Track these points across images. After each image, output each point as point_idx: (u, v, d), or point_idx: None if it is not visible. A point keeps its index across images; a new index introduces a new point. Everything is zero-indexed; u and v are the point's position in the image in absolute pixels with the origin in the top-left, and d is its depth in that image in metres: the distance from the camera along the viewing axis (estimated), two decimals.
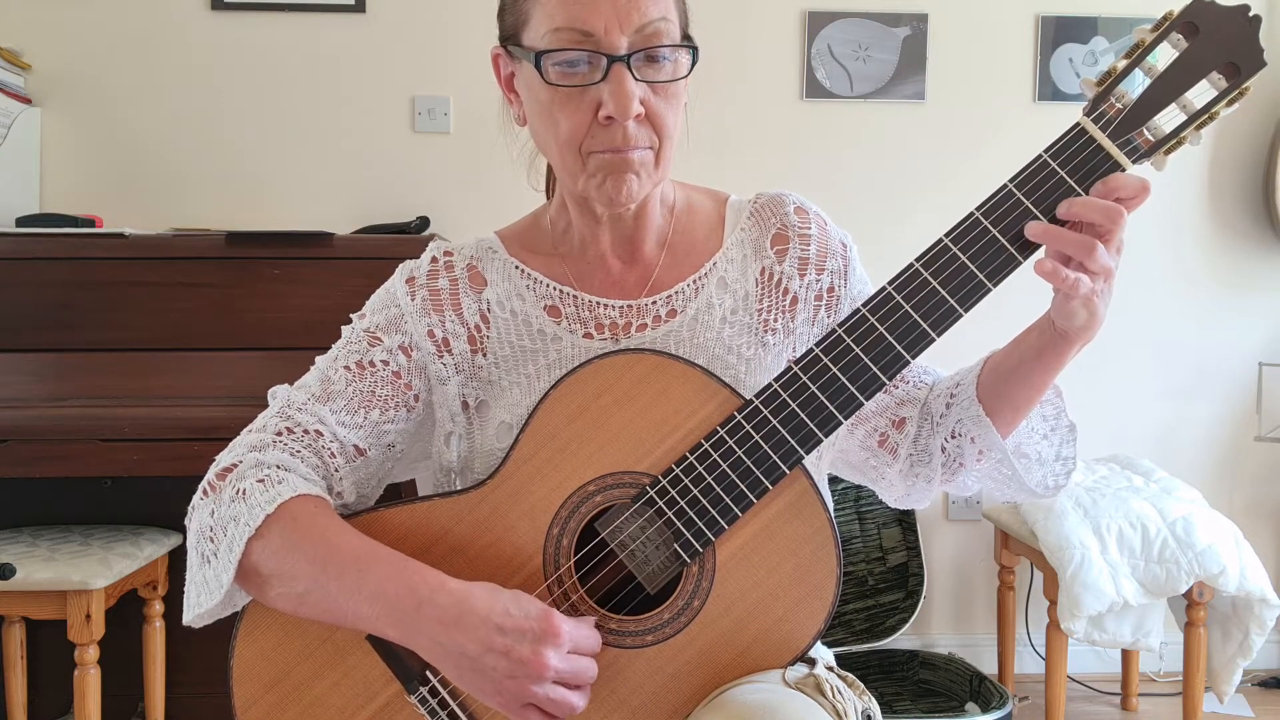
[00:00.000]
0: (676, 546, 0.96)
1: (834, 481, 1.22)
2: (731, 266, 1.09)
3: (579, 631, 0.91)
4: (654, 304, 1.07)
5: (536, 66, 0.96)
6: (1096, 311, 0.93)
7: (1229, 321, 3.02)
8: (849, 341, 0.94)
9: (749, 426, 0.95)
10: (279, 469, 0.99)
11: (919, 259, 0.93)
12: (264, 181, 2.82)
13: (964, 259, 0.92)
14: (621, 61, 0.94)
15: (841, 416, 0.94)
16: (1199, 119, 0.89)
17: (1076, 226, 0.91)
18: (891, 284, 0.94)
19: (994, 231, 0.92)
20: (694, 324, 1.07)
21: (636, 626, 0.97)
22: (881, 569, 2.75)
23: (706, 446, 0.95)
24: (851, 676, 1.00)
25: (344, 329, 1.10)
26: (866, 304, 0.94)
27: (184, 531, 1.01)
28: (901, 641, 2.73)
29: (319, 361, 1.08)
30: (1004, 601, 2.79)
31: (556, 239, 1.11)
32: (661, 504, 0.96)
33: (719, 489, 0.95)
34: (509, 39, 1.02)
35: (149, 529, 2.32)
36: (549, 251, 1.11)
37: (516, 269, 1.09)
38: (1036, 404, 1.03)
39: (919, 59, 2.92)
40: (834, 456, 1.15)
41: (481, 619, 0.89)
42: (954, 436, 1.07)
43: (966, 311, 0.93)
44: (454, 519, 0.99)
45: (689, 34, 1.01)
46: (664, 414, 0.97)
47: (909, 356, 0.94)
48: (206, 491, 1.00)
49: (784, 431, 0.94)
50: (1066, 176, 0.91)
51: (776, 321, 1.09)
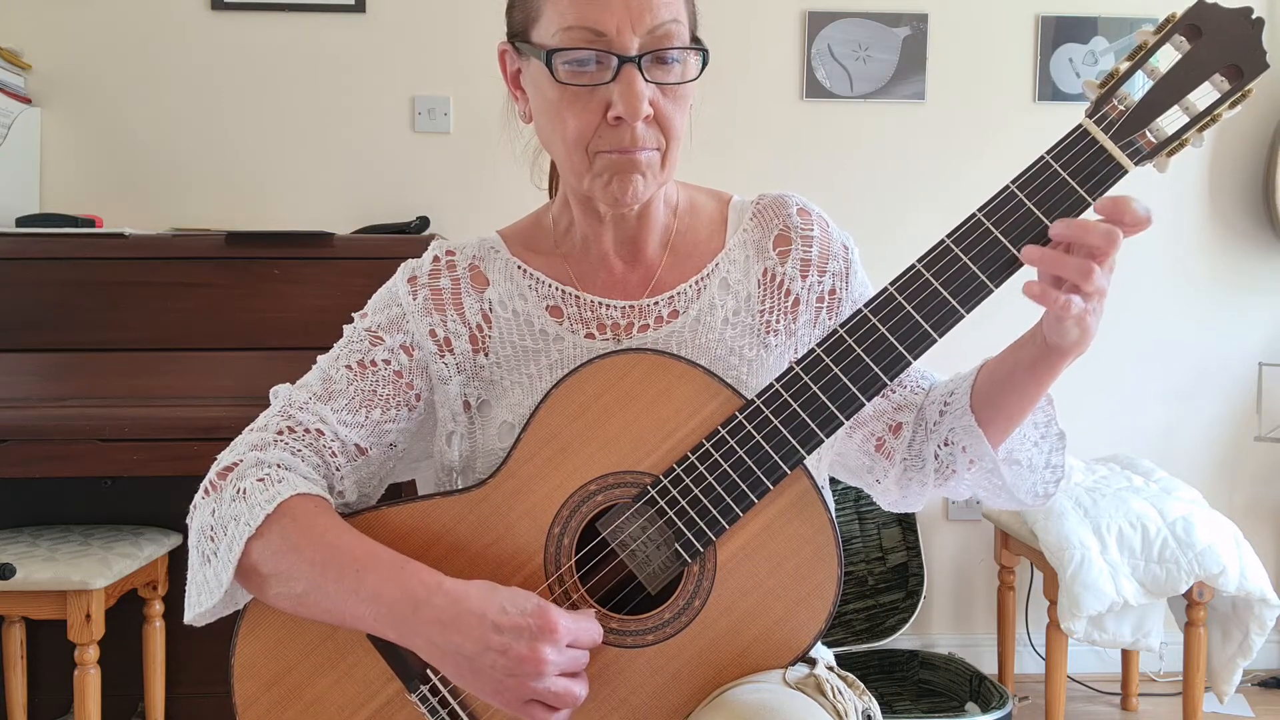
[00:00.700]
0: (677, 546, 0.96)
1: (834, 482, 1.22)
2: (734, 267, 1.09)
3: (577, 625, 0.91)
4: (656, 304, 1.07)
5: (547, 64, 0.95)
6: (1089, 329, 0.93)
7: (1229, 321, 3.02)
8: (850, 342, 0.94)
9: (750, 426, 0.95)
10: (279, 468, 0.99)
11: (921, 260, 0.93)
12: (264, 181, 2.82)
13: (965, 260, 0.92)
14: (632, 62, 0.94)
15: (843, 417, 0.94)
16: (1201, 121, 0.89)
17: (1065, 245, 0.91)
18: (893, 285, 0.94)
19: (996, 233, 0.92)
20: (696, 325, 1.07)
21: (637, 626, 0.97)
22: (881, 569, 2.75)
23: (708, 446, 0.96)
24: (852, 676, 1.00)
25: (346, 328, 1.10)
26: (868, 304, 0.94)
27: (184, 531, 1.02)
28: (901, 641, 2.73)
29: (320, 360, 1.09)
30: (1004, 601, 2.80)
31: (558, 238, 1.11)
32: (663, 504, 0.96)
33: (720, 489, 0.95)
34: (517, 36, 1.02)
35: (149, 529, 2.32)
36: (551, 251, 1.11)
37: (518, 268, 1.09)
38: (1029, 413, 1.04)
39: (919, 59, 2.92)
40: (831, 460, 1.15)
41: (478, 618, 0.89)
42: (947, 444, 1.08)
43: (968, 312, 0.93)
44: (455, 518, 0.99)
45: (697, 36, 1.01)
46: (665, 414, 0.97)
47: (910, 357, 0.94)
48: (208, 490, 1.00)
49: (785, 431, 0.94)
50: (1069, 178, 0.91)
51: (778, 323, 1.09)
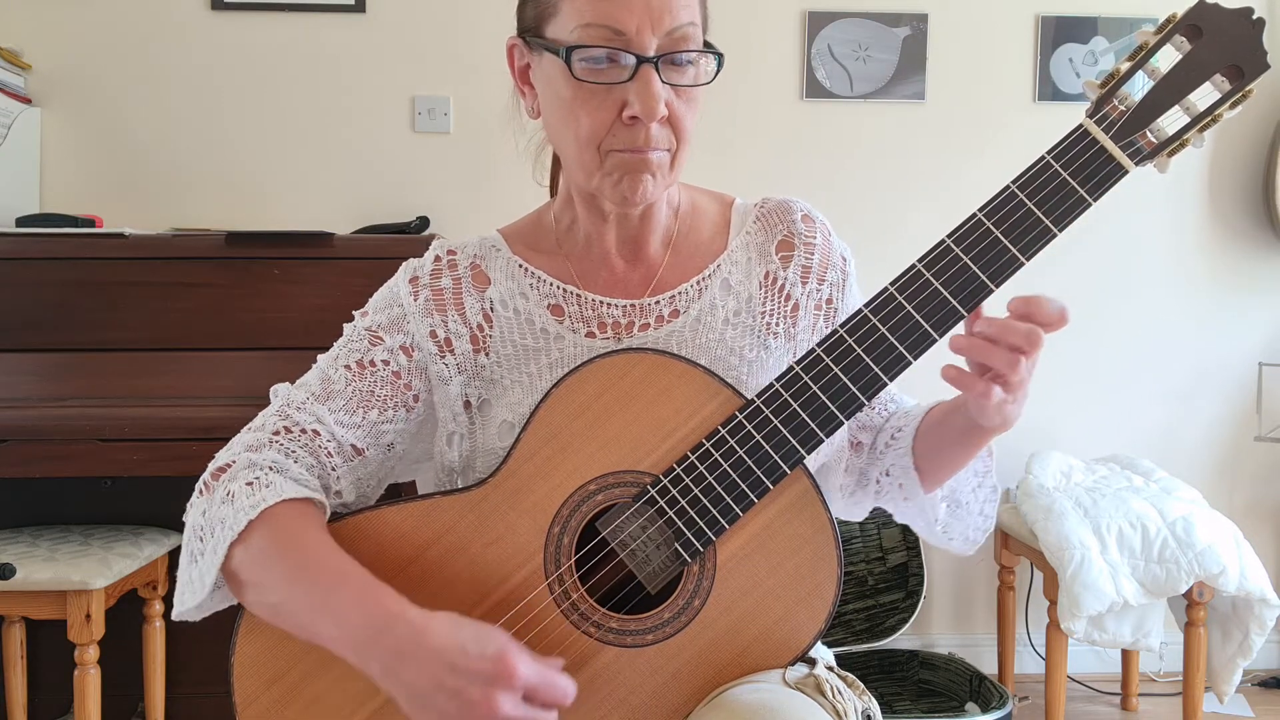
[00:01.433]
0: (677, 546, 0.96)
1: None
2: (736, 269, 1.09)
3: (540, 676, 0.85)
4: (657, 304, 1.07)
5: (566, 61, 0.95)
6: (1009, 418, 0.96)
7: (1229, 321, 3.02)
8: (850, 342, 0.94)
9: (750, 426, 0.95)
10: (270, 471, 0.99)
11: (921, 260, 0.93)
12: (264, 181, 2.82)
13: (966, 260, 0.92)
14: (650, 63, 0.95)
15: (843, 417, 0.94)
16: (1202, 121, 0.90)
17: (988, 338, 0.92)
18: (893, 285, 0.94)
19: (996, 233, 0.92)
20: (697, 325, 1.07)
21: (637, 626, 0.97)
22: (881, 569, 2.75)
23: (708, 446, 0.96)
24: (851, 676, 1.00)
25: (346, 327, 1.10)
26: (868, 304, 0.94)
27: (183, 529, 1.02)
28: (901, 641, 2.73)
29: (320, 360, 1.09)
30: (1004, 601, 2.80)
31: (560, 236, 1.11)
32: (663, 503, 0.96)
33: (720, 488, 0.95)
34: (529, 31, 1.01)
35: (149, 529, 2.32)
36: (552, 250, 1.11)
37: (520, 267, 1.09)
38: (961, 469, 1.07)
39: (919, 59, 2.92)
40: None
41: (435, 655, 0.85)
42: (887, 475, 1.11)
43: (969, 313, 0.93)
44: (455, 517, 0.99)
45: (708, 41, 1.01)
46: (665, 413, 0.97)
47: (911, 358, 0.94)
48: (201, 490, 1.00)
49: (785, 431, 0.94)
50: (1069, 178, 0.91)
51: (779, 325, 1.09)
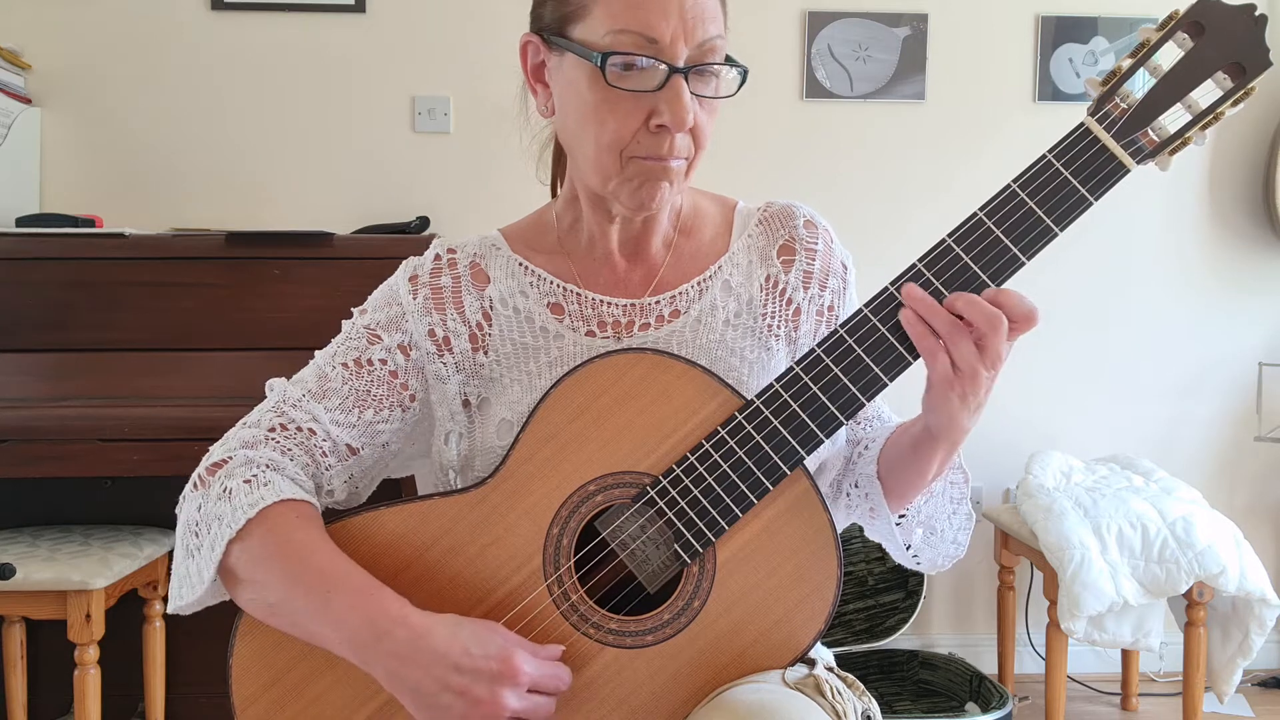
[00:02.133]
0: (677, 547, 0.96)
1: None
2: (737, 271, 1.09)
3: (542, 670, 0.90)
4: (657, 304, 1.07)
5: (600, 66, 0.94)
6: (955, 416, 0.92)
7: (1229, 321, 3.02)
8: (850, 342, 0.94)
9: (750, 427, 0.95)
10: (267, 469, 0.99)
11: (921, 259, 0.93)
12: (264, 181, 2.82)
13: (966, 259, 0.92)
14: (680, 73, 0.95)
15: (843, 417, 0.94)
16: (1204, 119, 0.89)
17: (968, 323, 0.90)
18: (894, 284, 0.93)
19: (997, 232, 0.91)
20: (697, 325, 1.07)
21: (636, 626, 0.96)
22: (881, 569, 2.74)
23: (707, 447, 0.95)
24: (851, 677, 0.99)
25: (344, 323, 1.10)
26: (869, 304, 0.94)
27: None
28: (901, 641, 2.73)
29: (318, 356, 1.08)
30: (1004, 601, 2.80)
31: (562, 235, 1.11)
32: (662, 504, 0.96)
33: (719, 489, 0.95)
34: (550, 29, 1.00)
35: (149, 529, 2.32)
36: (553, 249, 1.11)
37: (520, 265, 1.09)
38: (919, 487, 1.03)
39: (919, 59, 2.92)
40: None
41: (439, 656, 0.88)
42: (856, 486, 1.10)
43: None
44: (453, 518, 0.99)
45: (729, 55, 1.00)
46: (665, 414, 0.97)
47: (910, 358, 0.94)
48: (196, 485, 1.01)
49: (785, 432, 0.94)
50: (1071, 177, 0.90)
51: (780, 328, 1.09)
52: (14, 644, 2.26)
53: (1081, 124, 0.91)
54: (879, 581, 2.74)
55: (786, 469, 0.94)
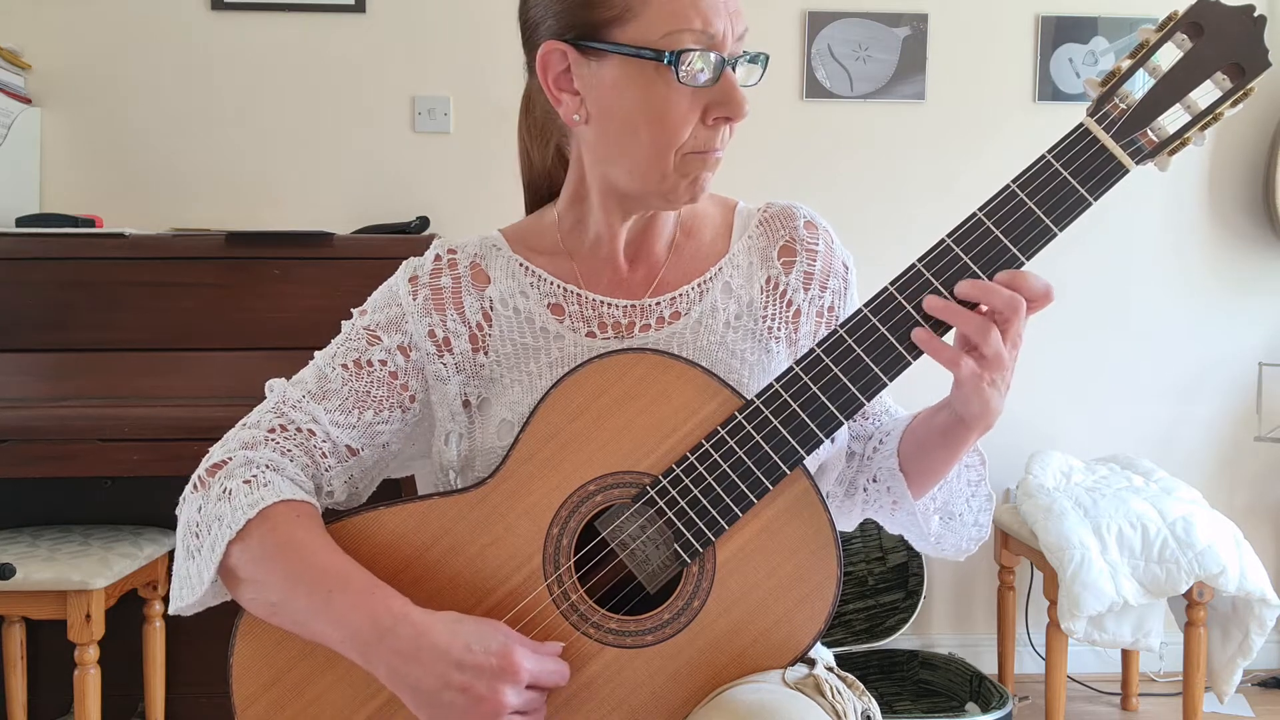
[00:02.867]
0: (677, 546, 0.96)
1: None
2: (737, 272, 1.09)
3: (541, 666, 0.91)
4: (658, 305, 1.07)
5: (671, 64, 0.94)
6: (989, 403, 0.93)
7: (1229, 321, 3.02)
8: (850, 342, 0.94)
9: (750, 426, 0.95)
10: (267, 469, 0.99)
11: (921, 259, 0.93)
12: (264, 181, 2.82)
13: (966, 259, 0.92)
14: (730, 65, 0.96)
15: (842, 417, 0.94)
16: (1203, 120, 0.89)
17: (974, 306, 0.92)
18: (893, 284, 0.93)
19: (996, 232, 0.91)
20: (698, 326, 1.07)
21: (636, 626, 0.96)
22: (881, 569, 2.74)
23: (707, 446, 0.95)
24: (851, 677, 0.99)
25: (344, 324, 1.10)
26: (868, 304, 0.94)
27: None
28: (901, 641, 2.73)
29: (318, 357, 1.08)
30: (1004, 601, 2.80)
31: (564, 235, 1.11)
32: (662, 504, 0.96)
33: (719, 489, 0.95)
34: (584, 35, 0.97)
35: (149, 529, 2.32)
36: (554, 249, 1.10)
37: (520, 266, 1.09)
38: (946, 475, 1.05)
39: (919, 59, 2.92)
40: None
41: (440, 654, 0.88)
42: (874, 481, 1.10)
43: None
44: (453, 518, 0.99)
45: None
46: (665, 413, 0.97)
47: (910, 358, 0.94)
48: (196, 486, 1.01)
49: (785, 432, 0.94)
50: (1070, 177, 0.91)
51: (780, 330, 1.09)
52: (14, 644, 2.26)
53: (1081, 124, 0.91)
54: (879, 581, 2.74)
55: (786, 469, 0.94)
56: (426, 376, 1.07)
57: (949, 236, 0.93)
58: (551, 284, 1.08)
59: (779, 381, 0.95)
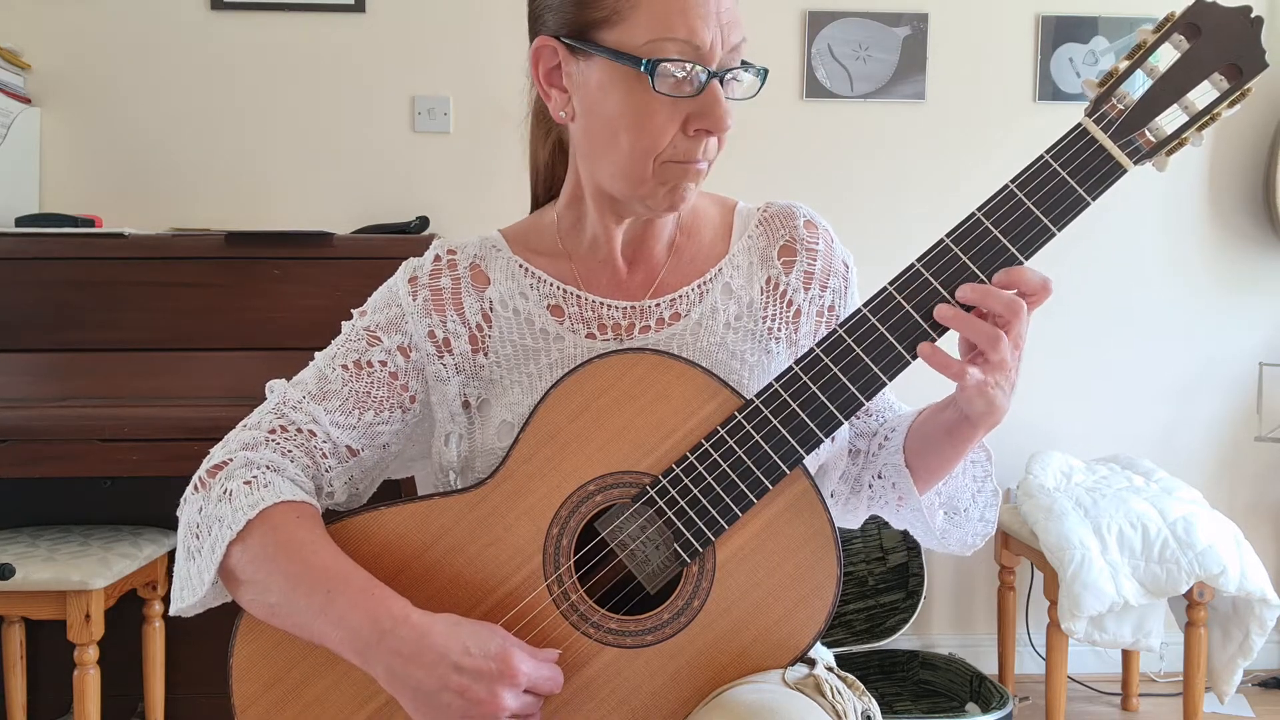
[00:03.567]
0: (676, 546, 0.96)
1: None
2: (737, 273, 1.09)
3: (538, 671, 0.91)
4: (658, 306, 1.07)
5: (648, 73, 0.93)
6: (994, 403, 0.93)
7: (1229, 321, 3.02)
8: (850, 342, 0.94)
9: (749, 426, 0.95)
10: (267, 470, 0.99)
11: (920, 259, 0.93)
12: (264, 181, 2.82)
13: (965, 259, 0.92)
14: (718, 78, 0.95)
15: (842, 416, 0.94)
16: (1201, 120, 0.89)
17: (978, 314, 0.92)
18: (892, 284, 0.94)
19: (995, 232, 0.92)
20: (698, 328, 1.07)
21: (636, 626, 0.97)
22: (882, 569, 2.74)
23: (707, 446, 0.95)
24: (851, 677, 1.00)
25: (344, 325, 1.10)
26: (867, 304, 0.94)
27: None
28: (902, 642, 2.73)
29: (318, 358, 1.08)
30: (1004, 602, 2.80)
31: (563, 235, 1.11)
32: (662, 504, 0.96)
33: (719, 489, 0.95)
34: (575, 34, 0.97)
35: (149, 529, 2.32)
36: (553, 251, 1.10)
37: (520, 267, 1.09)
38: (951, 471, 1.05)
39: (919, 59, 2.92)
40: None
41: (440, 656, 0.88)
42: (880, 477, 1.10)
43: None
44: (453, 518, 0.99)
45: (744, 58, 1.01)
46: (664, 413, 0.97)
47: (909, 357, 0.94)
48: (197, 487, 1.01)
49: (784, 431, 0.94)
50: (1068, 178, 0.91)
51: (780, 330, 1.09)
52: (14, 644, 2.26)
53: (1079, 124, 0.91)
54: (879, 581, 2.74)
55: (786, 468, 0.94)
56: (427, 377, 1.08)
57: (948, 236, 0.93)
58: (551, 285, 1.08)
59: (779, 381, 0.95)
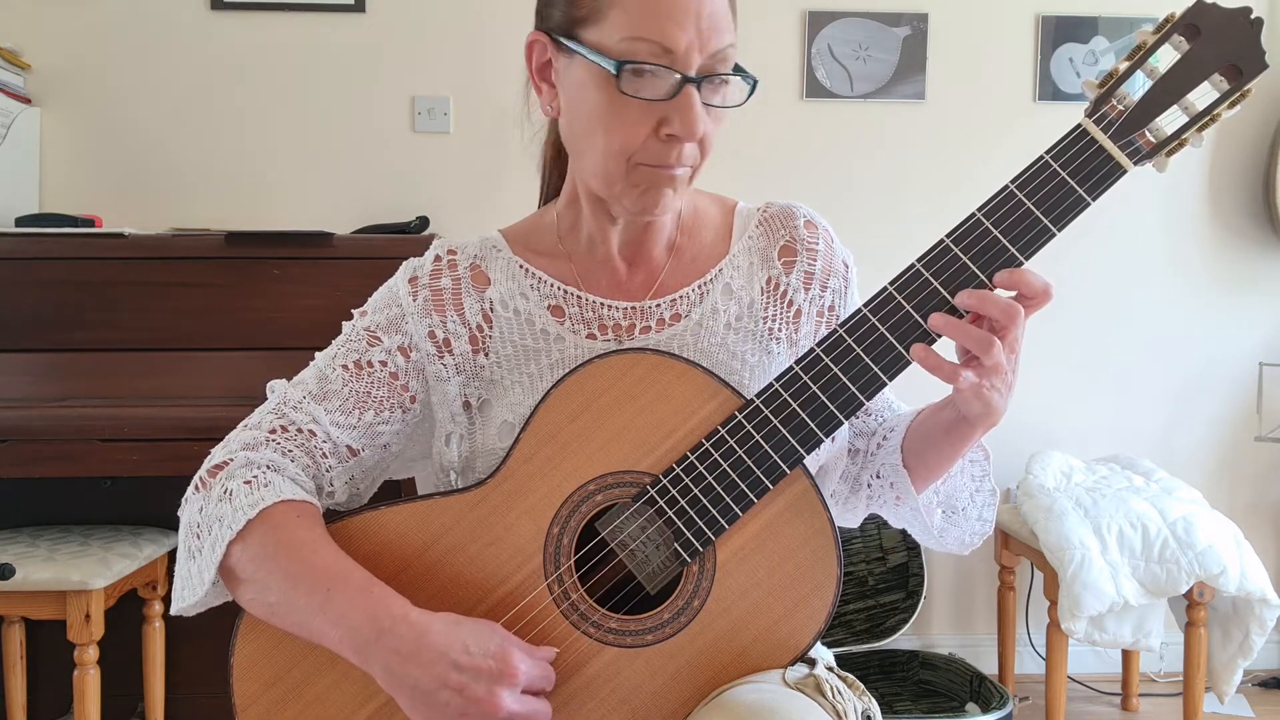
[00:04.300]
0: (677, 546, 0.96)
1: None
2: (738, 274, 1.09)
3: (536, 670, 0.91)
4: (658, 306, 1.07)
5: (616, 73, 0.93)
6: (991, 405, 0.94)
7: (1229, 321, 3.02)
8: (850, 341, 0.94)
9: (750, 426, 0.95)
10: (268, 469, 0.99)
11: (920, 259, 0.93)
12: (264, 181, 2.82)
13: (965, 260, 0.92)
14: (693, 83, 0.94)
15: (842, 417, 0.94)
16: (1201, 121, 0.89)
17: (976, 318, 0.92)
18: (892, 284, 0.94)
19: (995, 233, 0.92)
20: (698, 328, 1.07)
21: (637, 626, 0.97)
22: (882, 569, 2.75)
23: (707, 446, 0.95)
24: (851, 677, 1.00)
25: (345, 325, 1.10)
26: (868, 304, 0.94)
27: None
28: (902, 642, 2.73)
29: (318, 358, 1.09)
30: (1004, 602, 2.80)
31: (562, 235, 1.11)
32: (662, 503, 0.96)
33: (719, 488, 0.95)
34: (560, 30, 0.98)
35: (149, 529, 2.32)
36: (553, 251, 1.10)
37: (520, 268, 1.09)
38: (950, 470, 1.05)
39: (919, 59, 2.92)
40: None
41: (439, 654, 0.88)
42: (878, 476, 1.10)
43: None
44: (454, 518, 0.99)
45: (738, 64, 1.00)
46: (665, 413, 0.97)
47: (909, 357, 0.94)
48: (198, 487, 1.01)
49: (785, 431, 0.94)
50: (1068, 178, 0.91)
51: (781, 331, 1.09)
52: (14, 644, 2.27)
53: (1079, 125, 0.91)
54: (879, 582, 2.74)
55: (786, 468, 0.95)
56: (427, 377, 1.08)
57: (948, 237, 0.93)
58: (551, 286, 1.08)
59: (779, 381, 0.95)
